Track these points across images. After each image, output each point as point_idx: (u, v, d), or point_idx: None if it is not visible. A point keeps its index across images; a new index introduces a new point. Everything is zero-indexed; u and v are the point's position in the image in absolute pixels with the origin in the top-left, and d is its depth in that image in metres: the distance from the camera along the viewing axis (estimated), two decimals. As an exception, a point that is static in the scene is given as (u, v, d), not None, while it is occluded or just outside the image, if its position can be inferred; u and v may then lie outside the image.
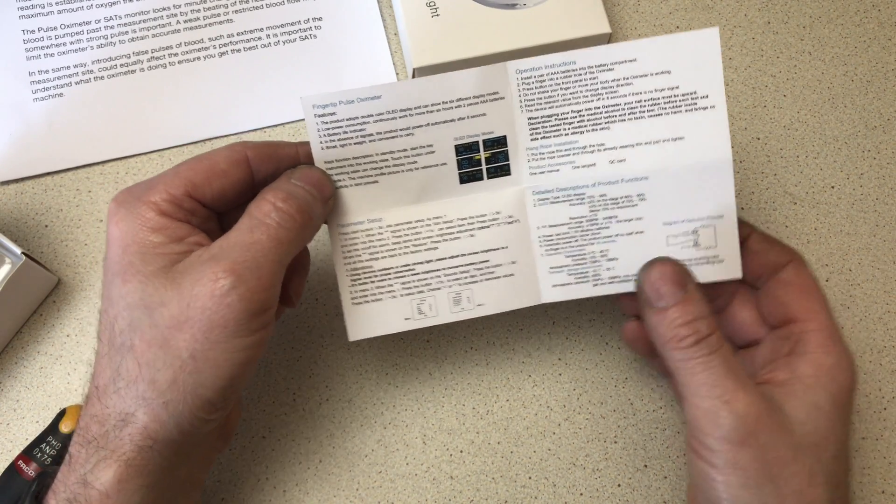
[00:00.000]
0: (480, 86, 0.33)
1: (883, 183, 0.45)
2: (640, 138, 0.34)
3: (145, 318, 0.29)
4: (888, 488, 0.39)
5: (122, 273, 0.30)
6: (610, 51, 0.33)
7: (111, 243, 0.31)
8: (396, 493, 0.38)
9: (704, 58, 0.33)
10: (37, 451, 0.36)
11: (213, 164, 0.32)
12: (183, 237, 0.30)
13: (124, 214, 0.30)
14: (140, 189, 0.31)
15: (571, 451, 0.39)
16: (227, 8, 0.47)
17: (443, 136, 0.34)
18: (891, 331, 0.42)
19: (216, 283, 0.28)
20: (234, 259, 0.29)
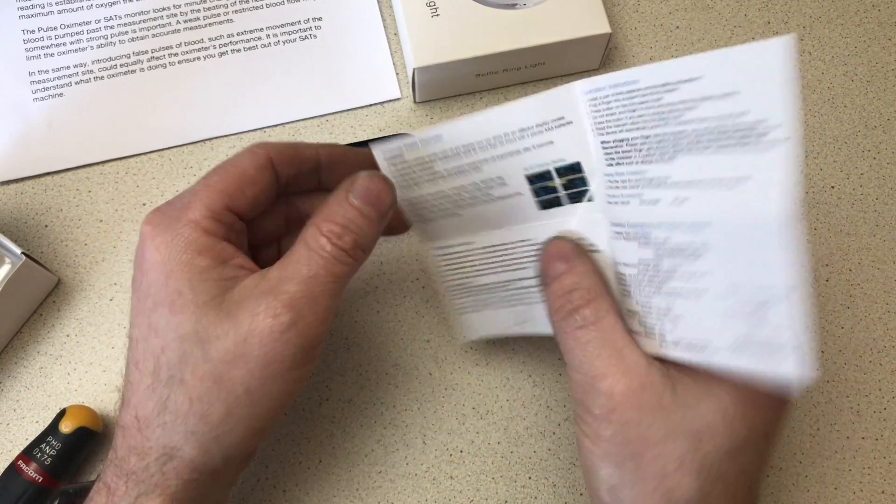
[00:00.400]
0: (543, 113, 0.30)
1: (883, 183, 0.45)
2: (703, 175, 0.27)
3: (198, 352, 0.28)
4: (888, 488, 0.39)
5: (171, 302, 0.28)
6: (672, 67, 0.28)
7: (150, 269, 0.29)
8: (396, 493, 0.38)
9: (777, 76, 0.25)
10: (37, 451, 0.36)
11: (243, 171, 0.31)
12: (228, 258, 0.29)
13: (164, 237, 0.29)
14: (175, 208, 0.30)
15: (572, 451, 0.39)
16: (226, 8, 0.47)
17: (512, 168, 0.32)
18: (891, 331, 0.42)
19: (276, 319, 0.28)
20: (292, 294, 0.28)
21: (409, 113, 0.46)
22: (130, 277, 0.42)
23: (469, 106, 0.46)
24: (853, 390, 0.41)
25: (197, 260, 0.29)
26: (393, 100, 0.46)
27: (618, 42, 0.48)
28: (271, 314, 0.28)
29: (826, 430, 0.40)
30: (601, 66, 0.47)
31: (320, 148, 0.33)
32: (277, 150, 0.32)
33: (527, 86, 0.47)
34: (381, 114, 0.46)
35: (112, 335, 0.41)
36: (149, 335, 0.29)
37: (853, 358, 0.42)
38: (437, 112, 0.46)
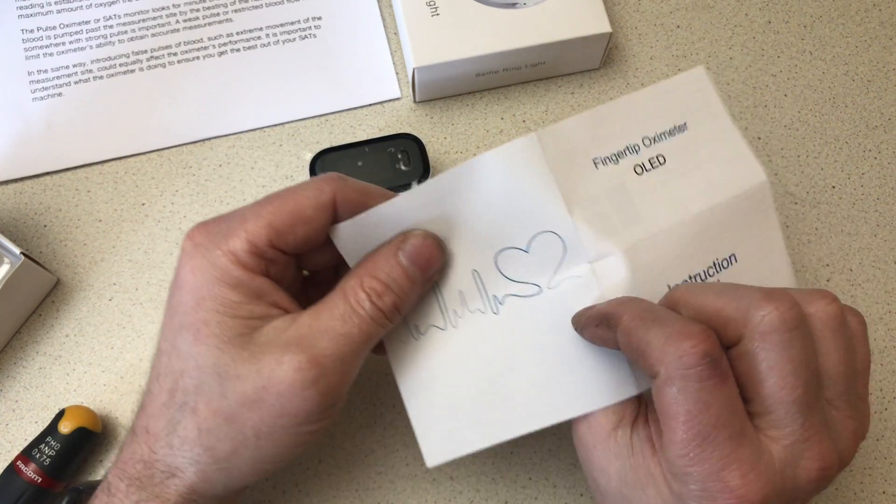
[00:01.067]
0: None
1: (884, 183, 0.45)
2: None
3: (215, 387, 0.27)
4: (889, 489, 0.39)
5: (196, 330, 0.28)
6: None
7: (183, 287, 0.28)
8: (396, 493, 0.38)
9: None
10: (36, 452, 0.36)
11: (299, 208, 0.29)
12: (262, 295, 0.28)
13: (200, 261, 0.28)
14: (220, 230, 0.28)
15: (572, 451, 0.39)
16: (226, 7, 0.47)
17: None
18: (891, 331, 0.42)
19: (298, 372, 0.27)
20: (321, 350, 0.27)
21: (408, 112, 0.46)
22: (129, 277, 0.42)
23: (469, 106, 0.46)
24: (854, 391, 0.41)
25: (229, 294, 0.28)
26: (393, 99, 0.46)
27: (618, 41, 0.48)
28: (295, 366, 0.27)
29: (827, 431, 0.40)
30: (602, 65, 0.47)
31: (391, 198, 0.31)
32: (346, 193, 0.29)
33: (527, 85, 0.47)
34: (381, 113, 0.46)
35: (111, 335, 0.41)
36: (172, 353, 0.28)
37: (854, 358, 0.42)
38: (436, 111, 0.46)
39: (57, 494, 0.36)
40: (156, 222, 0.43)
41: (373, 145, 0.42)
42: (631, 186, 0.31)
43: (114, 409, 0.39)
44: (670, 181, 0.31)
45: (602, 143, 0.31)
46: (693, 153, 0.32)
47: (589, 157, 0.31)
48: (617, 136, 0.31)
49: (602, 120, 0.31)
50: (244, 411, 0.27)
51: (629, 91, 0.47)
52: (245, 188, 0.44)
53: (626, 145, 0.31)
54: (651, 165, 0.31)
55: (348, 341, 0.28)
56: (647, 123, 0.32)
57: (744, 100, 0.47)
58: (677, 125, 0.32)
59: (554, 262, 0.31)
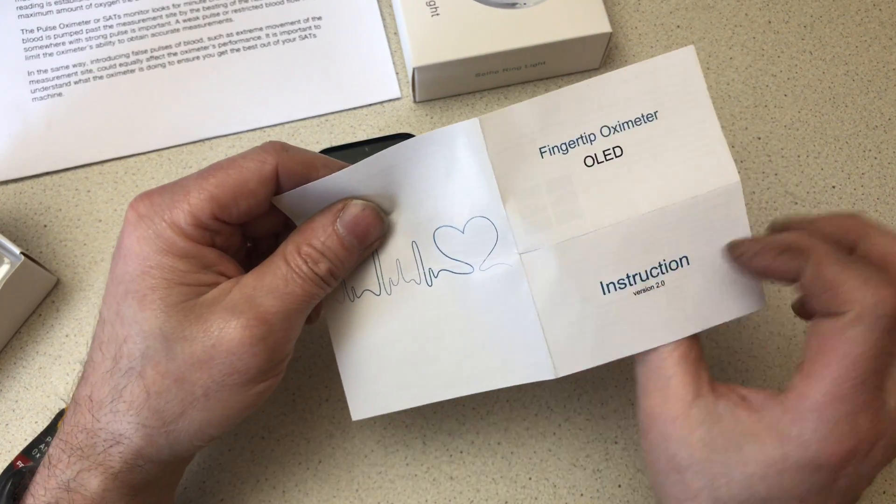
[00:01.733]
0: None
1: (884, 183, 0.45)
2: None
3: (162, 350, 0.28)
4: (889, 489, 0.39)
5: (141, 296, 0.28)
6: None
7: (128, 256, 0.29)
8: (396, 493, 0.38)
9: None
10: (36, 452, 0.36)
11: (242, 180, 0.29)
12: (209, 264, 0.29)
13: (145, 231, 0.28)
14: (162, 201, 0.29)
15: (572, 451, 0.39)
16: (226, 7, 0.47)
17: None
18: (892, 331, 0.42)
19: (247, 329, 0.28)
20: (266, 308, 0.28)
21: (408, 112, 0.46)
22: (130, 277, 0.42)
23: (469, 105, 0.46)
24: (854, 390, 0.41)
25: (176, 263, 0.28)
26: (393, 99, 0.46)
27: (618, 41, 0.48)
28: (243, 324, 0.28)
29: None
30: (602, 65, 0.47)
31: (337, 168, 0.32)
32: (288, 165, 0.30)
33: (527, 85, 0.47)
34: (381, 113, 0.46)
35: (111, 335, 0.41)
36: (115, 321, 0.29)
37: (854, 358, 0.41)
38: (437, 111, 0.46)
39: None
40: (156, 222, 0.43)
41: (373, 145, 0.42)
42: (577, 179, 0.30)
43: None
44: (623, 176, 0.30)
45: (553, 130, 0.30)
46: (657, 146, 0.30)
47: (536, 146, 0.30)
48: (571, 123, 0.30)
49: (557, 105, 0.30)
50: (193, 371, 0.28)
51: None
52: (245, 188, 0.44)
53: (581, 134, 0.30)
54: (605, 157, 0.30)
55: (292, 299, 0.29)
56: (610, 110, 0.30)
57: (744, 100, 0.47)
58: (645, 114, 0.30)
59: (487, 247, 0.31)
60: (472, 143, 0.29)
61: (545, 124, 0.30)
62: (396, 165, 0.31)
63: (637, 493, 0.39)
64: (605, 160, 0.30)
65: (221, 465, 0.39)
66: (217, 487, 0.38)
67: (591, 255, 0.30)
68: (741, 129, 0.46)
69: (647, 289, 0.30)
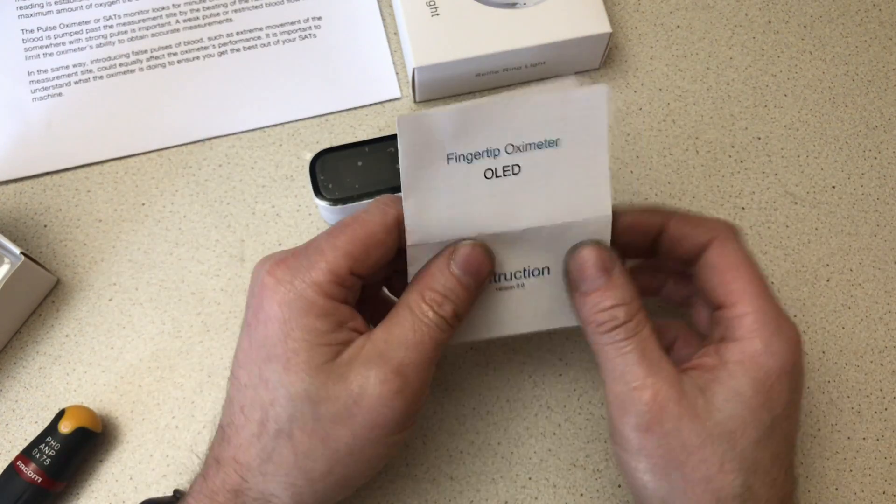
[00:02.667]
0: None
1: (884, 183, 0.45)
2: None
3: (308, 412, 0.29)
4: (889, 489, 0.39)
5: (286, 361, 0.29)
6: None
7: (269, 321, 0.29)
8: (396, 493, 0.38)
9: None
10: (36, 452, 0.36)
11: (371, 232, 0.31)
12: (344, 322, 0.30)
13: (287, 295, 0.29)
14: (300, 264, 0.30)
15: (572, 451, 0.39)
16: (226, 7, 0.47)
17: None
18: (891, 331, 0.42)
19: (384, 385, 0.29)
20: (400, 360, 0.29)
21: (409, 112, 0.46)
22: (129, 277, 0.42)
23: (469, 105, 0.46)
24: (854, 391, 0.41)
25: (316, 324, 0.29)
26: (393, 99, 0.46)
27: (618, 41, 0.48)
28: (381, 379, 0.29)
29: (827, 431, 0.40)
30: (602, 65, 0.47)
31: None
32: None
33: (527, 86, 0.47)
34: (381, 113, 0.46)
35: (111, 335, 0.41)
36: (259, 385, 0.29)
37: (854, 358, 0.41)
38: (437, 112, 0.46)
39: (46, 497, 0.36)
40: (156, 222, 0.43)
41: (373, 145, 0.42)
42: (475, 189, 0.32)
43: (114, 409, 0.39)
44: (516, 193, 0.32)
45: (463, 140, 0.31)
46: (552, 170, 0.32)
47: (444, 152, 0.31)
48: (481, 136, 0.31)
49: (473, 117, 0.31)
50: (337, 428, 0.29)
51: (628, 91, 0.47)
52: (245, 188, 0.44)
53: (487, 148, 0.32)
54: (503, 173, 0.32)
55: (422, 349, 0.30)
56: (519, 131, 0.32)
57: (744, 100, 0.47)
58: (548, 139, 0.32)
59: None
60: (399, 135, 0.31)
61: (457, 132, 0.31)
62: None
63: (637, 493, 0.39)
64: (503, 175, 0.32)
65: (221, 465, 0.39)
66: (217, 487, 0.38)
67: None
68: (741, 129, 0.46)
69: (509, 287, 0.34)
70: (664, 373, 0.30)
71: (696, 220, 0.33)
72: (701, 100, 0.47)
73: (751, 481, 0.29)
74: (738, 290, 0.31)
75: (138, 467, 0.38)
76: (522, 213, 0.33)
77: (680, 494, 0.30)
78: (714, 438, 0.29)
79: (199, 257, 0.42)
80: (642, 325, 0.31)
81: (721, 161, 0.45)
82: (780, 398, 0.30)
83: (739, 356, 0.30)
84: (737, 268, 0.31)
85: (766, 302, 0.31)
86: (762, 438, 0.29)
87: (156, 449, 0.39)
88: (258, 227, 0.43)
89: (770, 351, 0.30)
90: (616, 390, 0.30)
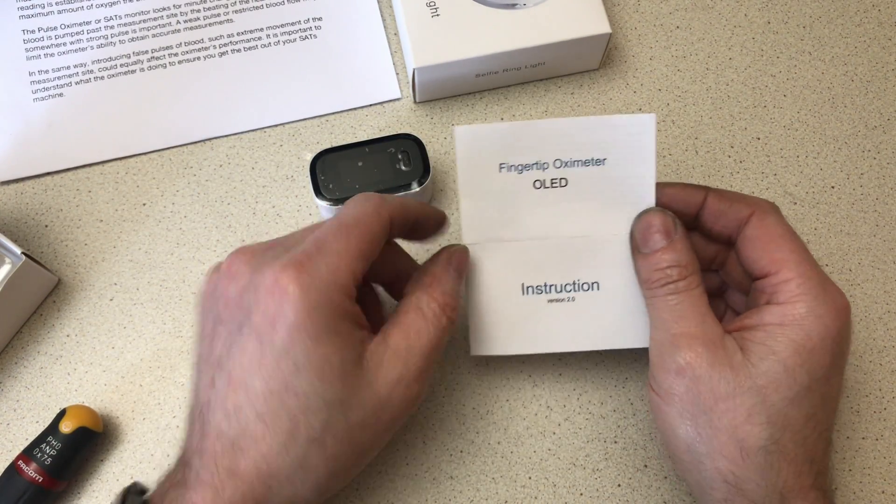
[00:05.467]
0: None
1: (883, 183, 0.45)
2: None
3: (342, 418, 0.29)
4: (888, 488, 0.39)
5: (319, 370, 0.28)
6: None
7: (293, 329, 0.28)
8: (396, 493, 0.38)
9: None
10: (37, 451, 0.36)
11: (374, 233, 0.31)
12: (360, 322, 0.31)
13: (317, 301, 0.28)
14: (319, 269, 0.29)
15: (571, 451, 0.39)
16: (227, 8, 0.47)
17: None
18: (891, 331, 0.42)
19: (407, 391, 0.30)
20: (419, 367, 0.31)
21: (409, 113, 0.46)
22: (130, 277, 0.42)
23: (469, 106, 0.46)
24: (853, 390, 0.41)
25: (343, 327, 0.29)
26: (393, 100, 0.46)
27: (618, 42, 0.48)
28: (404, 386, 0.30)
29: (826, 430, 0.40)
30: (601, 65, 0.47)
31: (436, 215, 0.36)
32: (396, 211, 0.33)
33: (527, 86, 0.47)
34: (381, 114, 0.46)
35: (112, 335, 0.41)
36: (284, 394, 0.28)
37: (853, 358, 0.42)
38: (437, 112, 0.46)
39: (47, 497, 0.36)
40: (157, 222, 0.43)
41: (373, 145, 0.42)
42: (523, 197, 0.35)
43: (115, 408, 0.40)
44: (562, 203, 0.35)
45: (514, 152, 0.35)
46: (597, 185, 0.35)
47: (496, 161, 0.35)
48: (531, 150, 0.35)
49: (525, 133, 0.35)
50: (364, 433, 0.30)
51: (627, 92, 0.47)
52: (246, 188, 0.44)
53: (536, 161, 0.35)
54: (551, 184, 0.35)
55: (436, 354, 0.32)
56: (567, 148, 0.35)
57: (743, 100, 0.47)
58: (595, 158, 0.35)
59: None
60: (456, 144, 0.35)
61: (508, 145, 0.35)
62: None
63: (637, 492, 0.39)
64: (550, 187, 0.35)
65: (222, 464, 0.39)
66: (218, 487, 0.38)
67: (519, 259, 0.36)
68: (740, 130, 0.46)
69: (559, 300, 0.36)
70: (706, 326, 0.32)
71: (736, 196, 0.35)
72: (700, 100, 0.47)
73: (778, 436, 0.30)
74: (782, 259, 0.32)
75: (139, 467, 0.39)
76: (569, 221, 0.36)
77: (706, 440, 0.31)
78: (745, 390, 0.30)
79: (199, 257, 0.43)
80: (693, 285, 0.33)
81: (720, 161, 0.45)
82: (820, 361, 0.31)
83: (780, 318, 0.31)
84: (780, 237, 0.33)
85: (811, 268, 0.32)
86: (796, 398, 0.30)
87: (156, 448, 0.39)
88: (259, 227, 0.43)
89: (814, 315, 0.31)
90: (658, 338, 0.33)
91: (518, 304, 0.36)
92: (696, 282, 0.33)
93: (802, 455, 0.31)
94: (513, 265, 0.36)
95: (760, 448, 0.30)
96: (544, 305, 0.36)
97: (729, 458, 0.31)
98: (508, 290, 0.36)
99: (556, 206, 0.35)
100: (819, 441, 0.31)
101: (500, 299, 0.37)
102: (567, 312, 0.36)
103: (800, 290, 0.31)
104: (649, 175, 0.35)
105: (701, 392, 0.31)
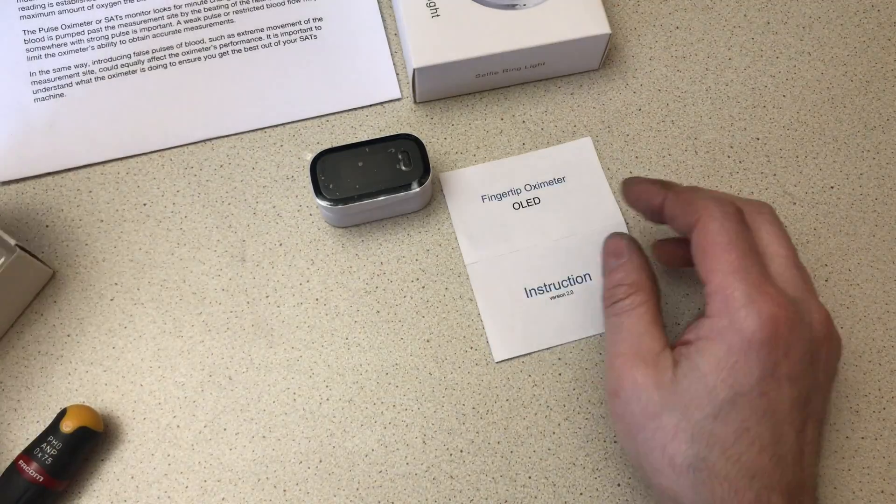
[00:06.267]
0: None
1: (882, 183, 0.45)
2: None
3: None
4: (888, 488, 0.39)
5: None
6: None
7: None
8: (396, 493, 0.38)
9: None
10: (38, 451, 0.36)
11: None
12: None
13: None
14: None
15: (571, 450, 0.39)
16: (227, 8, 0.47)
17: None
18: (890, 331, 0.42)
19: None
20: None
21: (409, 113, 0.46)
22: (131, 277, 0.42)
23: (469, 106, 0.46)
24: (852, 390, 0.41)
25: None
26: (393, 100, 0.46)
27: (617, 42, 0.48)
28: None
29: (825, 430, 0.40)
30: (601, 66, 0.47)
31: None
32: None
33: (527, 86, 0.47)
34: (381, 114, 0.46)
35: (113, 335, 0.41)
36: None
37: (852, 358, 0.42)
38: (437, 112, 0.46)
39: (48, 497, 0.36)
40: (157, 222, 0.43)
41: (373, 146, 0.42)
42: (507, 217, 0.43)
43: (115, 408, 0.40)
44: (541, 216, 0.43)
45: (491, 185, 0.44)
46: (565, 199, 0.44)
47: (479, 194, 0.44)
48: (505, 181, 0.44)
49: (496, 170, 0.44)
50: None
51: (627, 92, 0.47)
52: (246, 188, 0.44)
53: (510, 188, 0.44)
54: (528, 204, 0.44)
55: None
56: (532, 174, 0.44)
57: (742, 100, 0.47)
58: (557, 178, 0.44)
59: None
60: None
61: (486, 181, 0.44)
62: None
63: (636, 491, 0.39)
64: (527, 206, 0.44)
65: (222, 463, 0.39)
66: (218, 486, 0.38)
67: (517, 267, 0.42)
68: (740, 130, 0.46)
69: (560, 295, 0.42)
70: (641, 345, 0.33)
71: (689, 199, 0.34)
72: (700, 100, 0.47)
73: (705, 453, 0.30)
74: (714, 269, 0.32)
75: (140, 466, 0.39)
76: (551, 229, 0.43)
77: (645, 457, 0.32)
78: (669, 409, 0.31)
79: (200, 257, 0.43)
80: (637, 303, 0.34)
81: (720, 161, 0.45)
82: (745, 373, 0.30)
83: (708, 331, 0.31)
84: (715, 246, 0.32)
85: (740, 278, 0.31)
86: (720, 414, 0.30)
87: (157, 448, 0.39)
88: (259, 227, 0.43)
89: (735, 327, 0.30)
90: (605, 358, 0.34)
91: (525, 307, 0.41)
92: (639, 300, 0.34)
93: (737, 472, 0.30)
94: (512, 273, 0.42)
95: (689, 466, 0.30)
96: (548, 303, 0.42)
97: (665, 475, 0.31)
98: (513, 296, 0.42)
99: (536, 219, 0.43)
100: (761, 455, 0.30)
101: (508, 305, 0.41)
102: (569, 305, 0.41)
103: (724, 303, 0.31)
104: (602, 184, 0.44)
105: (634, 412, 0.32)
